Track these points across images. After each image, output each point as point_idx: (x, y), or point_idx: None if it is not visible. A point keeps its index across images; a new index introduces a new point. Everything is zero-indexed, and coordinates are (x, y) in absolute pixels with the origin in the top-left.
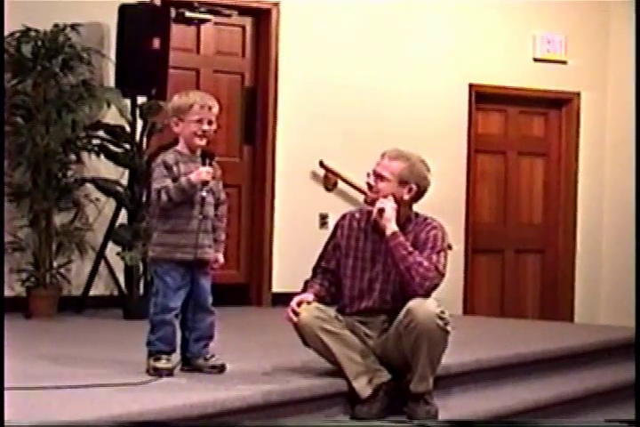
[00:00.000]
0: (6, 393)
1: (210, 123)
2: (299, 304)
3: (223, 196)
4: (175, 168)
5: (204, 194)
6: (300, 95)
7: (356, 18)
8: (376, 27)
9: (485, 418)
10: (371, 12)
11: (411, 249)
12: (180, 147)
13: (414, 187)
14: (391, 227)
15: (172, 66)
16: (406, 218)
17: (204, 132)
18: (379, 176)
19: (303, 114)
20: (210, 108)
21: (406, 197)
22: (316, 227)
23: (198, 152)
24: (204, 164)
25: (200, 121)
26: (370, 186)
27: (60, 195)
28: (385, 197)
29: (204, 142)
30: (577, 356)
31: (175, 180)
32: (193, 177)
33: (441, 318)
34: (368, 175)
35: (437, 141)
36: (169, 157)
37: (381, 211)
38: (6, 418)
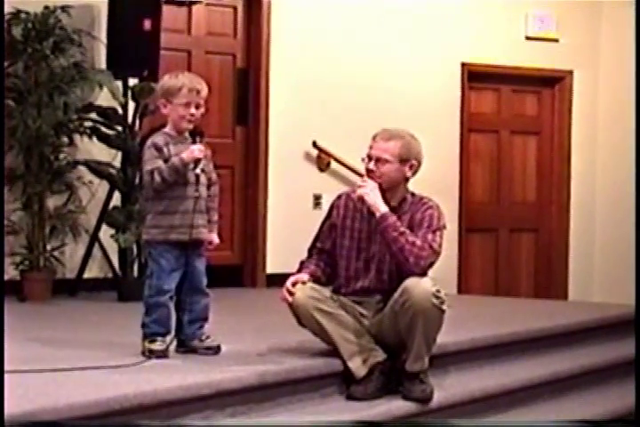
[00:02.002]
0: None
1: (198, 107)
2: (293, 284)
3: (214, 176)
4: (165, 149)
5: (198, 172)
6: (292, 76)
7: None
8: (367, 7)
9: (480, 396)
10: None
11: (402, 230)
12: (169, 129)
13: (415, 162)
14: (379, 209)
15: (163, 47)
16: (402, 198)
17: (191, 115)
18: (378, 160)
19: (295, 94)
20: (198, 92)
21: (409, 174)
22: (309, 207)
23: (187, 133)
24: (194, 142)
25: (188, 105)
26: (370, 171)
27: (52, 178)
28: (370, 179)
29: (191, 126)
30: (571, 334)
31: (166, 161)
32: (185, 155)
33: (437, 297)
34: (363, 160)
35: (430, 121)
36: (158, 138)
37: (361, 198)
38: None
